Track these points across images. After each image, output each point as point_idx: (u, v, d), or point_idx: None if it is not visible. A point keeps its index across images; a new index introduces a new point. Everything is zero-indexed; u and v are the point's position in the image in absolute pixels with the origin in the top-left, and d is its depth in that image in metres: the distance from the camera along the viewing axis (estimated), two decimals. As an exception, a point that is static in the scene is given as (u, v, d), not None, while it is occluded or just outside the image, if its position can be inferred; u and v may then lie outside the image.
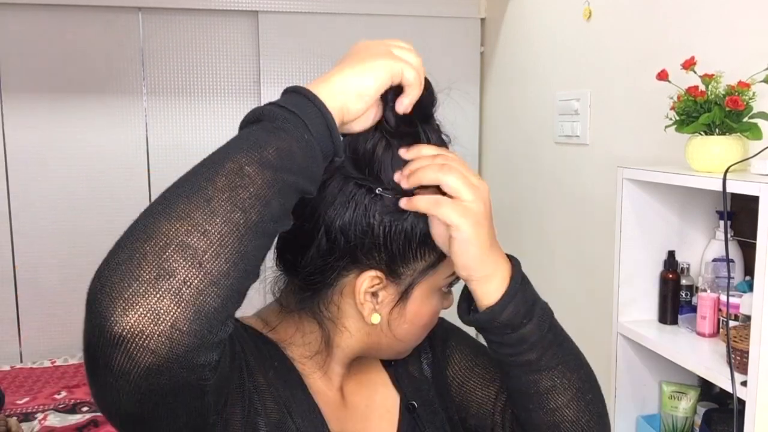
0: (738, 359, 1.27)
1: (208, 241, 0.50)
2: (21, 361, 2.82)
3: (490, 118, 3.08)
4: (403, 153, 0.68)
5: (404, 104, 0.65)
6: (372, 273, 0.69)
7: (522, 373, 0.72)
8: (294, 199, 0.58)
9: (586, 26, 2.22)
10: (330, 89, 0.60)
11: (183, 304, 0.48)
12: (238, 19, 2.89)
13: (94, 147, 2.83)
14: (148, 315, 0.47)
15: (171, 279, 0.48)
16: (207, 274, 0.50)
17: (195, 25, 2.86)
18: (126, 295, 0.47)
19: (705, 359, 1.39)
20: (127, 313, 0.47)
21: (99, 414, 2.27)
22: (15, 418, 2.17)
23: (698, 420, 1.55)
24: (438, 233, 0.68)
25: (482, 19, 3.08)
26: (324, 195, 0.68)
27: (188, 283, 0.49)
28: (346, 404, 0.78)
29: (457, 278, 0.74)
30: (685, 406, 1.60)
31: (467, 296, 0.73)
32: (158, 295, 0.48)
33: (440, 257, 0.72)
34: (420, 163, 0.67)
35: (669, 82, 1.50)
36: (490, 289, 0.68)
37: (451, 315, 0.79)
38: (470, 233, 0.65)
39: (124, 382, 0.48)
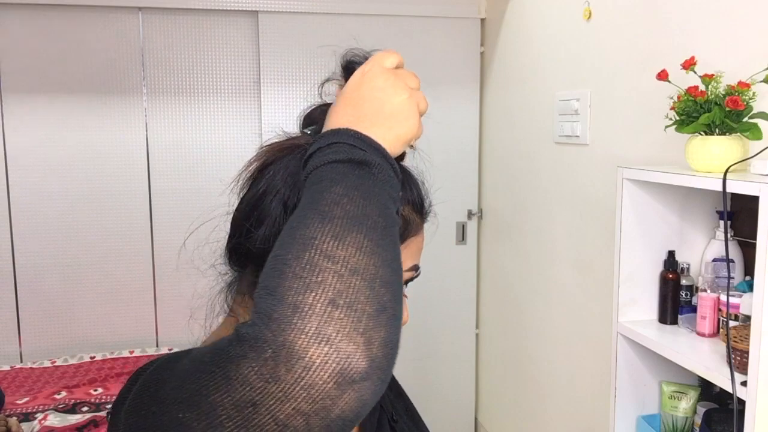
0: (738, 359, 1.27)
1: (396, 273, 0.52)
2: (21, 361, 2.83)
3: (490, 118, 3.08)
4: None
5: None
6: None
7: None
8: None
9: (586, 26, 2.22)
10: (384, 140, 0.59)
11: (397, 332, 0.50)
12: (238, 19, 2.89)
13: (94, 147, 2.83)
14: (388, 346, 0.48)
15: (387, 311, 0.49)
16: (399, 301, 0.51)
17: (195, 25, 2.87)
18: (362, 330, 0.47)
19: (705, 359, 1.39)
20: (371, 347, 0.46)
21: (99, 414, 2.27)
22: (15, 418, 2.17)
23: (698, 420, 1.55)
24: None
25: (482, 19, 3.08)
26: (283, 171, 0.68)
27: (396, 313, 0.50)
28: None
29: (414, 275, 0.72)
30: (685, 406, 1.60)
31: None
32: (387, 328, 0.48)
33: None
34: None
35: (669, 82, 1.50)
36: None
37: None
38: None
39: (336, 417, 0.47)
